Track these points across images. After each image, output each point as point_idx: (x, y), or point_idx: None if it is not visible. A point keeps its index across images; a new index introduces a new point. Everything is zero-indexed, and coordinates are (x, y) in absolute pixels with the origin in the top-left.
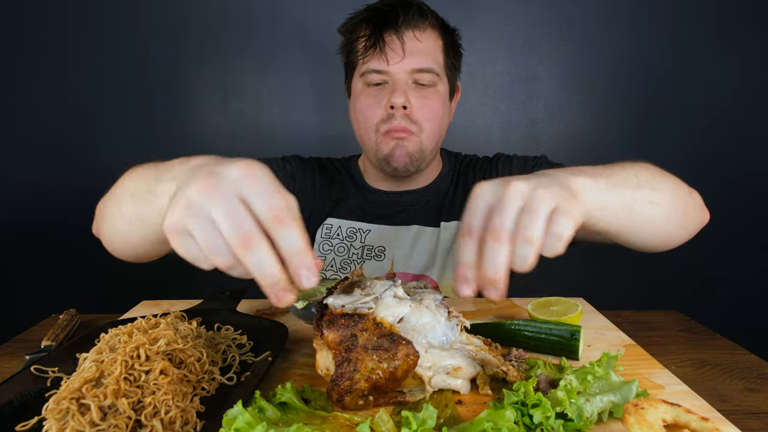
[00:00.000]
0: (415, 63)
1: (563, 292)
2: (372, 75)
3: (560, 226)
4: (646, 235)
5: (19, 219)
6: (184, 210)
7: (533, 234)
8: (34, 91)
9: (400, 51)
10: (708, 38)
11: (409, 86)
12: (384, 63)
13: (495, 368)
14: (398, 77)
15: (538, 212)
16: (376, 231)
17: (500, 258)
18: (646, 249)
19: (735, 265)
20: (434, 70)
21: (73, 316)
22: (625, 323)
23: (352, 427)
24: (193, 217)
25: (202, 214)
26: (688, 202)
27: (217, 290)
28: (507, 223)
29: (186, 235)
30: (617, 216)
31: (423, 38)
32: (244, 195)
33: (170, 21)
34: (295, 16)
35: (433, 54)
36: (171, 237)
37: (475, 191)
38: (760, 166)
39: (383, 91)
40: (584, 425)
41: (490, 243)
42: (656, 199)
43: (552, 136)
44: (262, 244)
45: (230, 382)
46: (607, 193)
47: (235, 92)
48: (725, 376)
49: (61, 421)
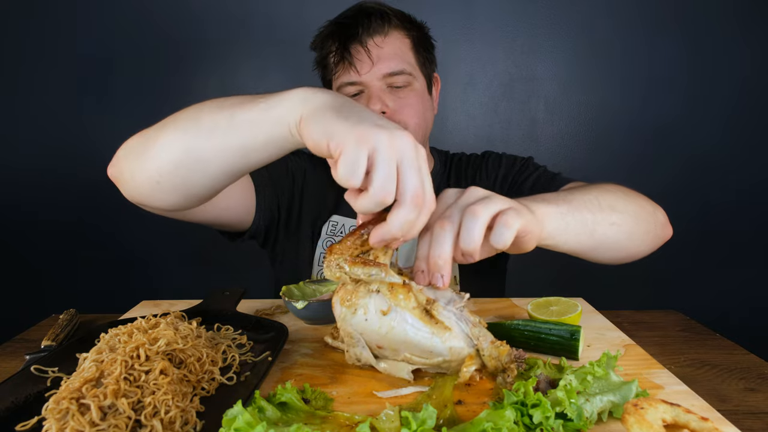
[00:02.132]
0: (385, 68)
1: (563, 292)
2: (347, 88)
3: (507, 215)
4: (609, 252)
5: (19, 219)
6: (375, 133)
7: (477, 218)
8: (35, 91)
9: (368, 60)
10: (708, 36)
11: (384, 91)
12: (355, 74)
13: (491, 344)
14: (372, 84)
15: (488, 205)
16: None
17: (445, 246)
18: (609, 263)
19: (735, 264)
20: (406, 71)
21: (73, 316)
22: (625, 323)
23: (352, 427)
24: (386, 152)
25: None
26: (650, 222)
27: (217, 290)
28: (454, 215)
29: (360, 153)
30: (579, 238)
31: (388, 43)
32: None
33: (170, 21)
34: (295, 16)
35: (402, 55)
36: (344, 141)
37: (440, 195)
38: (761, 166)
39: (361, 101)
40: (584, 425)
41: (437, 230)
42: (618, 220)
43: (552, 136)
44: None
45: (230, 382)
46: (568, 217)
47: (235, 92)
48: (725, 376)
49: (61, 421)
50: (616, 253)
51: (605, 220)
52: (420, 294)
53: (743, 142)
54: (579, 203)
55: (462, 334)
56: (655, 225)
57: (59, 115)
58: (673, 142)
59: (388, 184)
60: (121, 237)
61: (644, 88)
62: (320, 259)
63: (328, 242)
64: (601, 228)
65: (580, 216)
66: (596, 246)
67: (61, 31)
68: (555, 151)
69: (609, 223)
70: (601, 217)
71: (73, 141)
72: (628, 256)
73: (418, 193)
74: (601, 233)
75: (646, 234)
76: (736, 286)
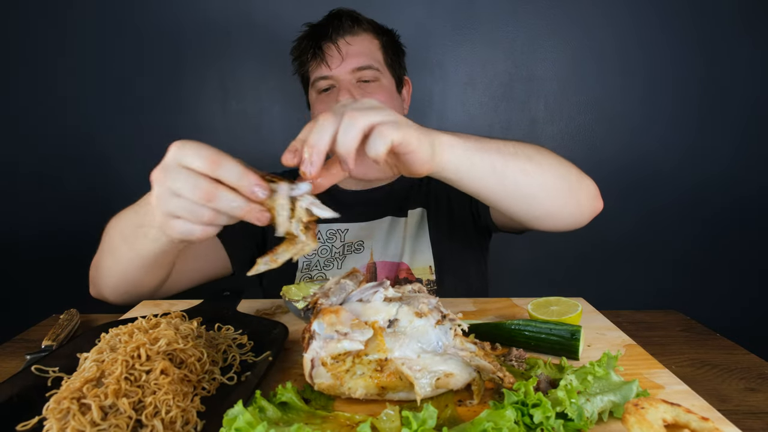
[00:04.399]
0: (354, 63)
1: (563, 292)
2: (320, 82)
3: (384, 125)
4: (522, 204)
5: (19, 219)
6: (156, 202)
7: (354, 122)
8: (34, 92)
9: (338, 55)
10: (708, 37)
11: (353, 85)
12: (327, 69)
13: (491, 374)
14: (342, 78)
15: (370, 113)
16: (353, 229)
17: (323, 136)
18: (530, 222)
19: (735, 264)
20: (373, 66)
21: (74, 316)
22: (625, 323)
23: (353, 427)
24: (165, 200)
25: (169, 193)
26: (572, 183)
27: (217, 290)
28: (339, 113)
29: (172, 218)
30: (486, 180)
31: (357, 41)
32: (184, 163)
33: (170, 22)
34: (295, 16)
35: (370, 53)
36: (164, 228)
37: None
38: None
39: (332, 95)
40: (584, 425)
41: (320, 120)
42: (531, 169)
43: (552, 136)
44: (219, 188)
45: (230, 382)
46: (475, 154)
47: (235, 92)
48: (725, 376)
49: (61, 420)
50: (530, 206)
51: (517, 166)
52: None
53: (743, 142)
54: (492, 145)
55: (458, 366)
56: (579, 189)
57: (59, 116)
58: (672, 141)
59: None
60: None
61: (645, 87)
62: (303, 266)
63: None
64: (511, 174)
65: (488, 157)
66: (507, 193)
67: (62, 32)
68: (555, 151)
69: (521, 170)
70: (514, 163)
71: (73, 141)
72: (547, 213)
73: None
74: (512, 180)
75: (567, 193)
76: (737, 285)
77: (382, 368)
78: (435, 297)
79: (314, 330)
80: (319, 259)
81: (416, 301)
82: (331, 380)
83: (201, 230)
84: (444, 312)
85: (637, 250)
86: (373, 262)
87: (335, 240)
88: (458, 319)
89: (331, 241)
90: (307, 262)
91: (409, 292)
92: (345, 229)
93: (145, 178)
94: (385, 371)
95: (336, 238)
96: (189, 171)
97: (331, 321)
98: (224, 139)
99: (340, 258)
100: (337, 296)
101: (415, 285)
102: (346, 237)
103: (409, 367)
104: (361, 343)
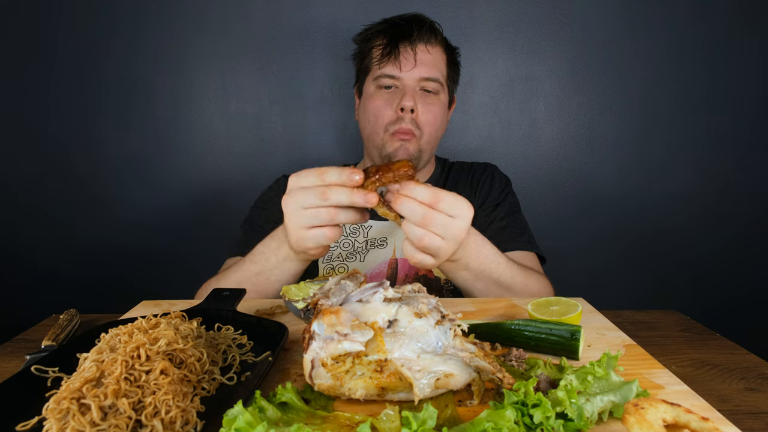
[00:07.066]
0: (425, 72)
1: (563, 293)
2: (385, 79)
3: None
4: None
5: (18, 219)
6: (289, 221)
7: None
8: (33, 92)
9: (413, 60)
10: (708, 38)
11: (416, 92)
12: (397, 69)
13: (490, 375)
14: (408, 83)
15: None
16: (377, 226)
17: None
18: None
19: (735, 264)
20: (439, 80)
21: (73, 316)
22: (625, 323)
23: (353, 427)
24: (297, 215)
25: (297, 208)
26: (534, 291)
27: (217, 290)
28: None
29: (304, 229)
30: (476, 292)
31: (432, 51)
32: (301, 184)
33: (170, 21)
34: (295, 16)
35: (439, 66)
36: (300, 243)
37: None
38: (762, 165)
39: (394, 95)
40: (584, 425)
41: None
42: (506, 285)
43: (552, 136)
44: (330, 187)
45: (230, 382)
46: (479, 281)
47: (235, 92)
48: (725, 376)
49: (61, 421)
50: (495, 294)
51: (500, 285)
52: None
53: (743, 142)
54: (495, 276)
55: (458, 367)
56: (537, 292)
57: (59, 116)
58: (672, 141)
59: None
60: (122, 237)
61: (645, 87)
62: (325, 258)
63: None
64: (492, 289)
65: (485, 283)
66: (482, 294)
67: (62, 32)
68: (555, 151)
69: (498, 286)
70: (499, 283)
71: (73, 140)
72: None
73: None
74: (491, 292)
75: (526, 293)
76: (737, 285)
77: (382, 369)
78: (435, 297)
79: (314, 331)
80: (342, 252)
81: (416, 301)
82: (331, 381)
83: (329, 232)
84: (444, 312)
85: (638, 250)
86: (395, 258)
87: (358, 235)
88: (458, 320)
89: (354, 236)
90: (329, 254)
91: (409, 293)
92: (368, 225)
93: (144, 177)
94: (385, 372)
95: (359, 233)
96: (306, 188)
97: (331, 322)
98: (224, 139)
99: (363, 252)
100: (337, 297)
101: (414, 285)
102: (369, 233)
103: (408, 368)
104: (361, 344)
